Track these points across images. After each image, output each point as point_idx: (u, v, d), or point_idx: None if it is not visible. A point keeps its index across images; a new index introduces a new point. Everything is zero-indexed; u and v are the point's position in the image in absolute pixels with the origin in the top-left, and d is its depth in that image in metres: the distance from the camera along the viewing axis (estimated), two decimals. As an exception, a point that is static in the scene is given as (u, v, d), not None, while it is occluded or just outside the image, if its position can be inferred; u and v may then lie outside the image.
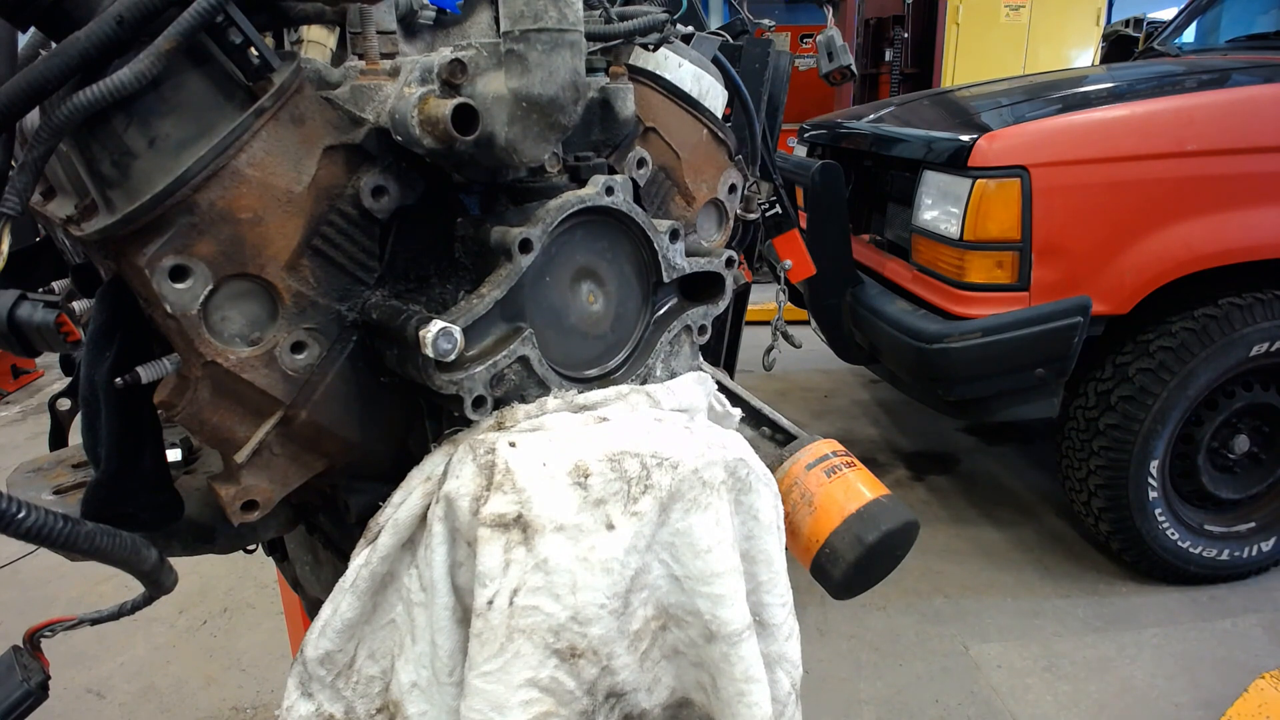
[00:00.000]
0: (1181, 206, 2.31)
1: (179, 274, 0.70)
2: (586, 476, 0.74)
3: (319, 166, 0.75)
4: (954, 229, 2.38)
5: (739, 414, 1.01)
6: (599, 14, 0.97)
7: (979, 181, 2.30)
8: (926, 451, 3.73)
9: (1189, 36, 3.93)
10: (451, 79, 0.76)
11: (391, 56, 0.86)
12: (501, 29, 0.76)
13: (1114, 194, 2.30)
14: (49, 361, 4.98)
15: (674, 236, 0.92)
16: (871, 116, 3.33)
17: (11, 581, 2.89)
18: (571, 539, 0.72)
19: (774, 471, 0.96)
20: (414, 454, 0.84)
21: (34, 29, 0.73)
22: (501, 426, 0.80)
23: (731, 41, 1.42)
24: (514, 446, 0.75)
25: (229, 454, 0.80)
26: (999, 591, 2.72)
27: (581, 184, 0.87)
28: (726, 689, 0.78)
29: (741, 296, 1.55)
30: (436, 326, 0.72)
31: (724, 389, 1.05)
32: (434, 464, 0.79)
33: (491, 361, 0.79)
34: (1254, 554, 2.67)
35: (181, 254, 0.69)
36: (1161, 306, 2.41)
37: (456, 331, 0.73)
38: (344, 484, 0.92)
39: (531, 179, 0.88)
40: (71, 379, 1.06)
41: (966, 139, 2.37)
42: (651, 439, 0.78)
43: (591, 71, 0.94)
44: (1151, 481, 2.51)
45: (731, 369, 1.53)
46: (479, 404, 0.80)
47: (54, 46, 0.64)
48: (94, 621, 0.91)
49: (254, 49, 0.71)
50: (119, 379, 0.74)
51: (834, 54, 2.36)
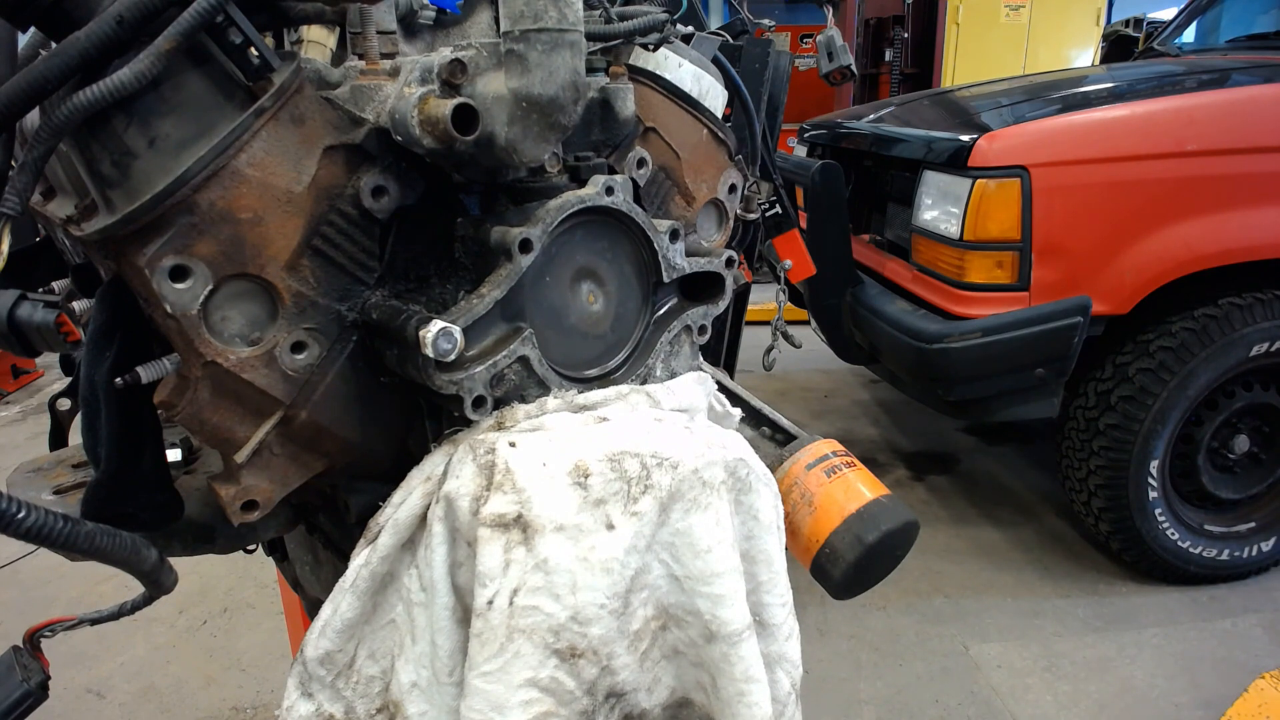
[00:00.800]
0: (1181, 206, 2.31)
1: (179, 274, 0.70)
2: (586, 476, 0.74)
3: (319, 166, 0.75)
4: (954, 229, 2.38)
5: (739, 414, 1.01)
6: (599, 14, 0.97)
7: (979, 181, 2.30)
8: (926, 451, 3.73)
9: (1189, 36, 3.93)
10: (451, 79, 0.76)
11: (391, 56, 0.86)
12: (501, 29, 0.75)
13: (1114, 194, 2.30)
14: (49, 361, 4.98)
15: (674, 236, 0.92)
16: (871, 116, 3.33)
17: (11, 581, 2.89)
18: (571, 539, 0.72)
19: (774, 471, 0.96)
20: (414, 454, 0.84)
21: (34, 29, 0.73)
22: (501, 426, 0.80)
23: (731, 41, 1.42)
24: (514, 446, 0.75)
25: (229, 454, 0.80)
26: (999, 591, 2.72)
27: (581, 184, 0.87)
28: (726, 689, 0.78)
29: (741, 296, 1.55)
30: (436, 326, 0.72)
31: (724, 389, 1.04)
32: (434, 464, 0.79)
33: (491, 361, 0.79)
34: (1254, 554, 2.67)
35: (181, 254, 0.69)
36: (1161, 306, 2.40)
37: (456, 331, 0.73)
38: (344, 484, 0.92)
39: (531, 179, 0.87)
40: (71, 379, 1.06)
41: (966, 139, 2.37)
42: (651, 439, 0.78)
43: (591, 71, 0.94)
44: (1151, 481, 2.51)
45: (731, 369, 1.53)
46: (479, 404, 0.80)
47: (54, 46, 0.64)
48: (94, 621, 0.91)
49: (254, 49, 0.71)
50: (119, 379, 0.74)
51: (834, 54, 2.36)
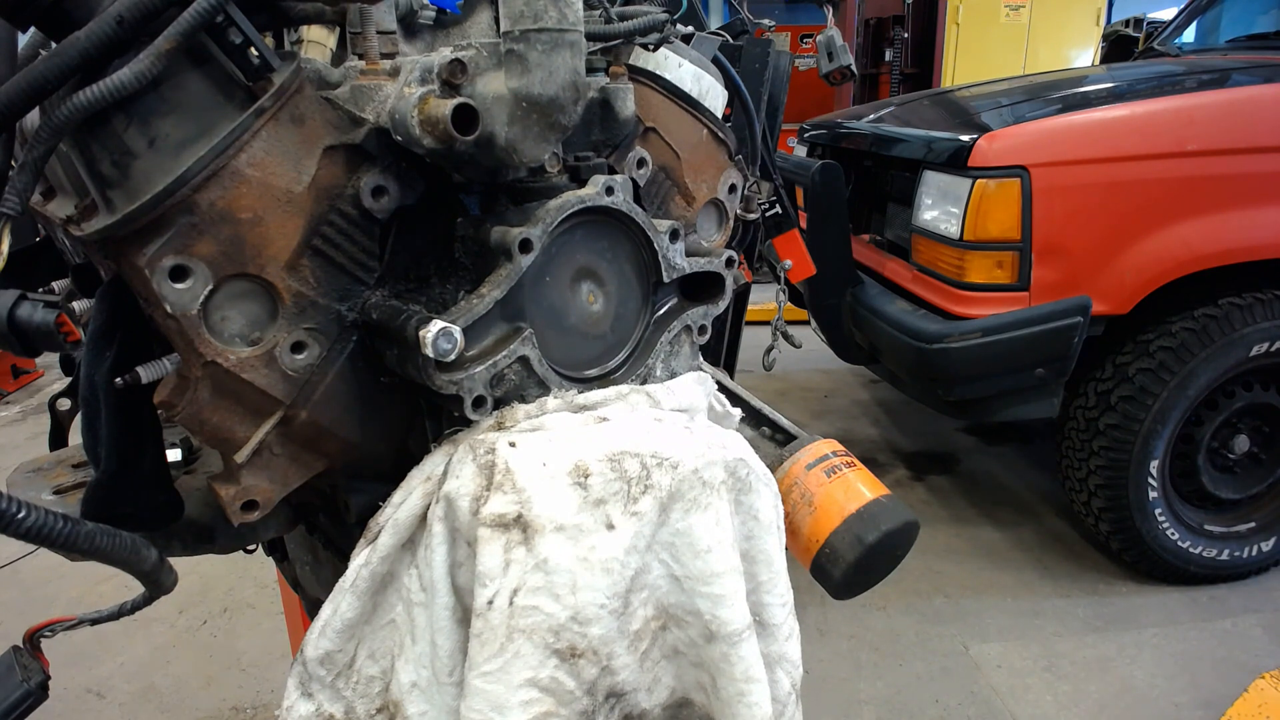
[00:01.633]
0: (1181, 206, 2.31)
1: (179, 274, 0.70)
2: (586, 476, 0.74)
3: (319, 166, 0.75)
4: (954, 229, 2.38)
5: (739, 414, 1.01)
6: (599, 14, 0.97)
7: (979, 181, 2.30)
8: (926, 451, 3.73)
9: (1189, 36, 3.93)
10: (451, 79, 0.76)
11: (391, 56, 0.86)
12: (501, 29, 0.76)
13: (1114, 194, 2.30)
14: (49, 361, 4.98)
15: (674, 236, 0.91)
16: (871, 116, 3.33)
17: (11, 581, 2.89)
18: (571, 539, 0.72)
19: (774, 471, 0.96)
20: (414, 454, 0.84)
21: (34, 29, 0.73)
22: (501, 426, 0.80)
23: (731, 41, 1.42)
24: (514, 446, 0.75)
25: (229, 454, 0.80)
26: (999, 591, 2.72)
27: (581, 184, 0.87)
28: (726, 689, 0.78)
29: (741, 296, 1.55)
30: (436, 326, 0.72)
31: (724, 389, 1.04)
32: (434, 464, 0.79)
33: (491, 361, 0.79)
34: (1254, 554, 2.67)
35: (181, 254, 0.69)
36: (1161, 306, 2.40)
37: (456, 331, 0.73)
38: (344, 484, 0.92)
39: (531, 179, 0.87)
40: (71, 379, 1.06)
41: (966, 139, 2.37)
42: (651, 439, 0.78)
43: (591, 71, 0.94)
44: (1151, 481, 2.51)
45: (731, 369, 1.53)
46: (479, 404, 0.80)
47: (54, 46, 0.64)
48: (94, 621, 0.91)
49: (254, 49, 0.71)
50: (119, 379, 0.74)
51: (834, 54, 2.36)
